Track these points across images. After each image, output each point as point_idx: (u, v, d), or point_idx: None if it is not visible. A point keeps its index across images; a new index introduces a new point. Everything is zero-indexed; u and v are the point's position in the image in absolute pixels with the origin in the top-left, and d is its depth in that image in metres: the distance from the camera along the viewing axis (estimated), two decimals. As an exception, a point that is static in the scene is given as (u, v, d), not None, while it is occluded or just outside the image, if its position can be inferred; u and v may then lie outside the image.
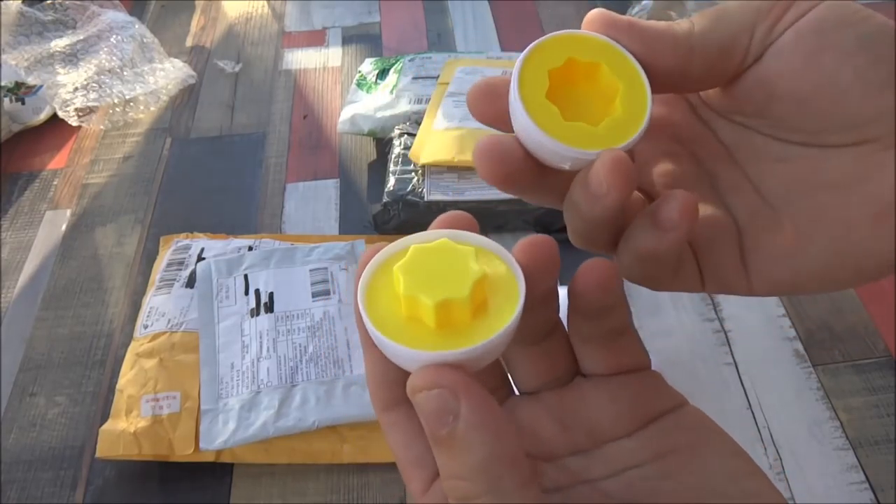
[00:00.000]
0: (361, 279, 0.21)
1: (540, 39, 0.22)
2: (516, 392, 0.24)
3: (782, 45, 0.20)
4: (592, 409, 0.22)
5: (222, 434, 0.52)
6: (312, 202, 0.74)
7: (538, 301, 0.21)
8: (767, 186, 0.22)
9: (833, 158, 0.21)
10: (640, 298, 0.63)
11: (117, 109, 0.85)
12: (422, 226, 0.22)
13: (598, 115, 0.21)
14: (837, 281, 0.21)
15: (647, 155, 0.24)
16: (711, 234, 0.23)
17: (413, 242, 0.20)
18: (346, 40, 0.96)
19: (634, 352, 0.23)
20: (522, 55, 0.22)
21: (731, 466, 0.21)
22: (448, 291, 0.19)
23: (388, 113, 0.77)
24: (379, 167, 0.76)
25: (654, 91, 0.22)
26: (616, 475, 0.21)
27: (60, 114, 0.83)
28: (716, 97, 0.23)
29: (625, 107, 0.21)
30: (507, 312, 0.19)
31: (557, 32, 0.22)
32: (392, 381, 0.22)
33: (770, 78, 0.21)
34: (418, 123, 0.73)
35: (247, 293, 0.60)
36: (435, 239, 0.20)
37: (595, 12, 0.22)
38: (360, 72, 0.85)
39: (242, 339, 0.57)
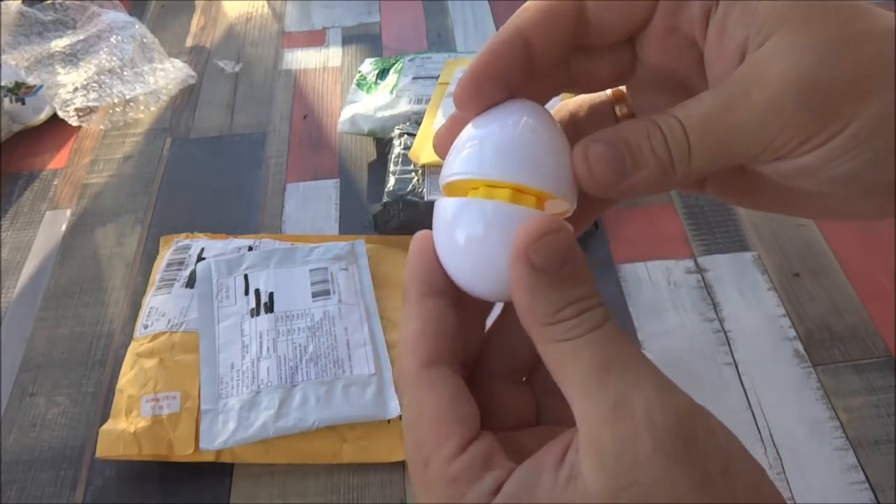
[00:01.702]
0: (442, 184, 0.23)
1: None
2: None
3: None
4: None
5: (222, 434, 0.52)
6: (312, 202, 0.74)
7: None
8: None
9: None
10: (640, 299, 0.63)
11: (117, 109, 0.85)
12: (422, 225, 0.22)
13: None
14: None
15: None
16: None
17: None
18: (346, 40, 0.96)
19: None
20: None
21: None
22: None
23: (388, 113, 0.77)
24: (379, 167, 0.76)
25: None
26: None
27: (60, 114, 0.83)
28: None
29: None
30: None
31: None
32: (439, 333, 0.22)
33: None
34: (418, 123, 0.73)
35: (247, 293, 0.60)
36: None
37: None
38: (360, 72, 0.85)
39: (242, 339, 0.57)
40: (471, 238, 0.22)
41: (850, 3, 0.21)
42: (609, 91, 0.26)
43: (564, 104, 0.26)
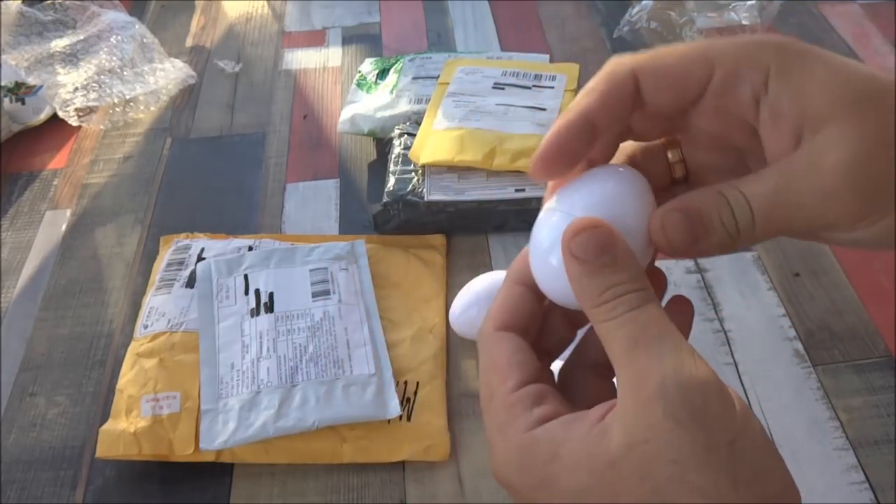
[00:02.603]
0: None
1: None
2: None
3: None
4: None
5: (222, 434, 0.52)
6: (312, 202, 0.74)
7: None
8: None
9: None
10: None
11: (117, 109, 0.85)
12: (422, 225, 0.23)
13: None
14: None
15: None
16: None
17: None
18: (346, 40, 0.96)
19: None
20: None
21: None
22: None
23: (388, 113, 0.77)
24: (379, 167, 0.76)
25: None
26: None
27: (60, 114, 0.83)
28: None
29: None
30: None
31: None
32: (516, 310, 0.28)
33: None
34: (418, 123, 0.73)
35: (247, 293, 0.60)
36: None
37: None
38: (360, 72, 0.85)
39: (242, 339, 0.57)
40: (546, 247, 0.26)
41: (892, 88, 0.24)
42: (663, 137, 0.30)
43: (623, 147, 0.29)
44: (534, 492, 0.24)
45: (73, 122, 0.83)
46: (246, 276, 0.61)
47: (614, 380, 0.24)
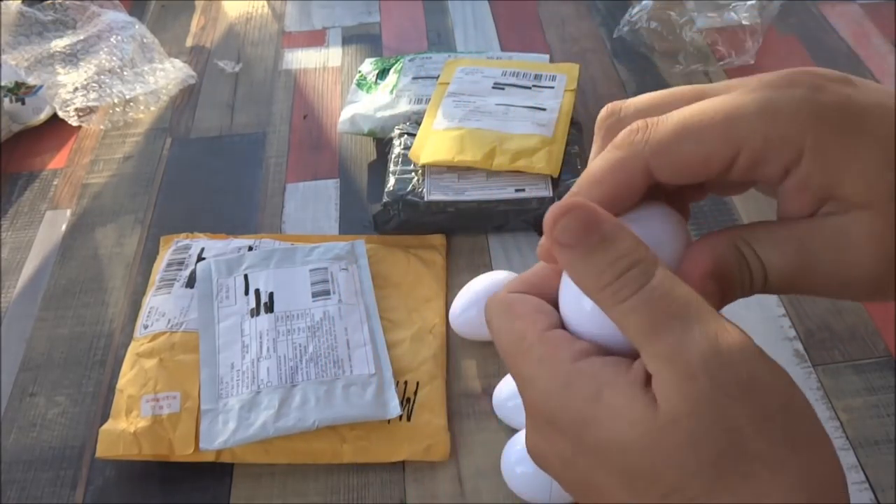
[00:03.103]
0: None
1: None
2: None
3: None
4: None
5: (222, 434, 0.52)
6: (312, 202, 0.74)
7: None
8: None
9: None
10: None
11: (117, 109, 0.85)
12: (422, 225, 0.23)
13: None
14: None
15: None
16: None
17: None
18: (346, 40, 0.96)
19: None
20: None
21: None
22: None
23: (388, 113, 0.77)
24: (379, 167, 0.76)
25: None
26: None
27: (60, 114, 0.83)
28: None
29: None
30: None
31: None
32: (534, 283, 0.27)
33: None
34: (418, 123, 0.73)
35: (247, 293, 0.60)
36: None
37: None
38: (360, 72, 0.85)
39: (242, 339, 0.57)
40: (578, 291, 0.25)
41: None
42: None
43: None
44: (575, 427, 0.23)
45: (73, 122, 0.83)
46: (246, 276, 0.61)
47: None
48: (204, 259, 0.64)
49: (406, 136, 0.73)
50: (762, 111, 0.23)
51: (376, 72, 0.83)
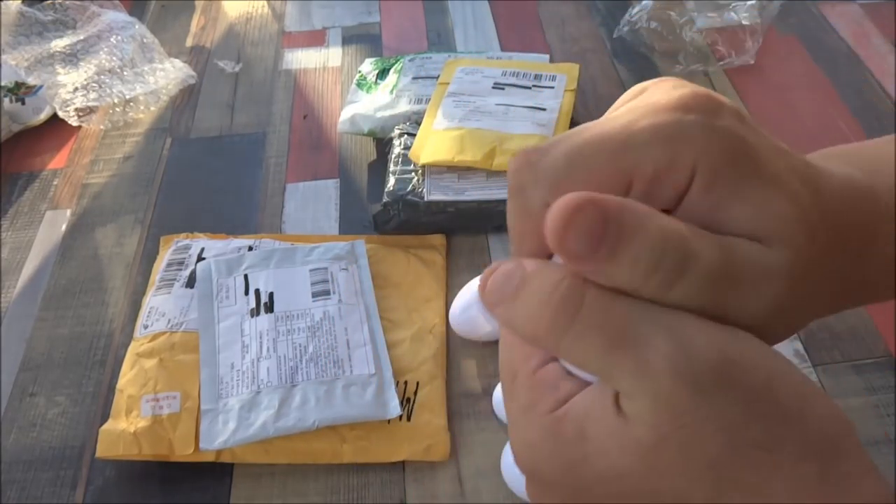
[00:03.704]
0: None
1: None
2: None
3: None
4: None
5: (222, 434, 0.52)
6: (312, 202, 0.74)
7: None
8: None
9: None
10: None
11: (117, 109, 0.85)
12: (422, 225, 0.22)
13: None
14: None
15: None
16: None
17: None
18: (346, 40, 0.96)
19: None
20: None
21: None
22: None
23: (388, 113, 0.77)
24: (379, 167, 0.76)
25: None
26: None
27: (60, 114, 0.83)
28: None
29: None
30: None
31: None
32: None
33: None
34: (418, 123, 0.73)
35: (247, 293, 0.60)
36: None
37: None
38: (360, 72, 0.85)
39: (242, 339, 0.57)
40: None
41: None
42: None
43: None
44: (564, 474, 0.22)
45: (73, 122, 0.83)
46: (246, 276, 0.61)
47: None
48: (204, 259, 0.64)
49: (406, 136, 0.73)
50: (654, 137, 0.22)
51: (376, 72, 0.83)
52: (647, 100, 0.23)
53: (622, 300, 0.21)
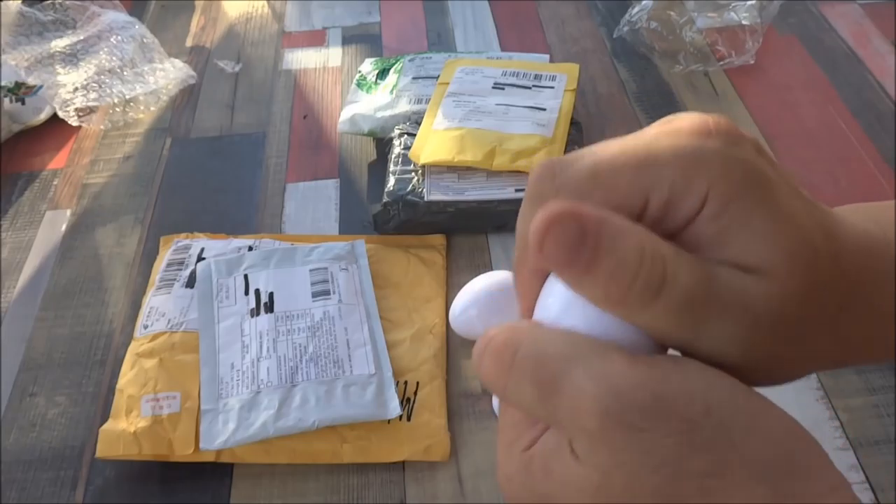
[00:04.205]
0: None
1: None
2: None
3: None
4: None
5: (222, 434, 0.52)
6: (312, 202, 0.74)
7: None
8: None
9: None
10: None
11: (117, 109, 0.85)
12: (422, 225, 0.22)
13: None
14: None
15: None
16: None
17: None
18: (346, 40, 0.96)
19: None
20: None
21: None
22: None
23: (388, 113, 0.77)
24: (379, 167, 0.76)
25: None
26: None
27: (60, 114, 0.83)
28: None
29: None
30: None
31: None
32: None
33: None
34: (418, 123, 0.73)
35: (247, 293, 0.60)
36: None
37: None
38: (360, 72, 0.85)
39: (242, 339, 0.57)
40: (553, 316, 0.24)
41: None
42: None
43: None
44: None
45: (73, 122, 0.83)
46: (246, 276, 0.61)
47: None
48: (204, 259, 0.64)
49: (406, 136, 0.73)
50: (673, 157, 0.22)
51: (376, 72, 0.84)
52: (672, 123, 0.24)
53: (554, 346, 0.22)
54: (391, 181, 0.69)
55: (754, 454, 0.20)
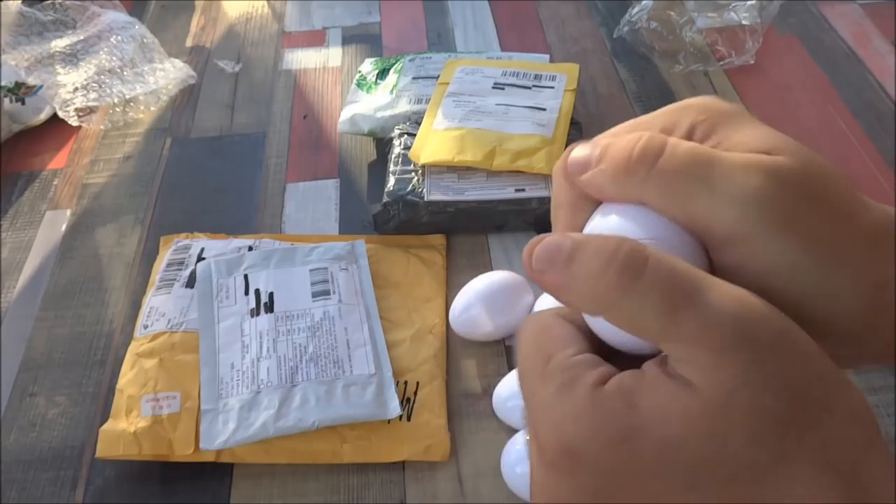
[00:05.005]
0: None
1: None
2: None
3: None
4: None
5: (222, 434, 0.52)
6: (312, 202, 0.74)
7: None
8: None
9: None
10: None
11: (117, 109, 0.85)
12: (422, 225, 0.23)
13: None
14: None
15: None
16: None
17: None
18: (346, 40, 0.96)
19: None
20: None
21: None
22: None
23: (388, 113, 0.77)
24: (379, 167, 0.76)
25: None
26: None
27: (60, 114, 0.83)
28: None
29: None
30: None
31: None
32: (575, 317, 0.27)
33: None
34: (418, 123, 0.73)
35: (247, 293, 0.60)
36: None
37: None
38: (360, 72, 0.85)
39: (242, 339, 0.57)
40: None
41: None
42: None
43: None
44: (611, 447, 0.22)
45: (73, 122, 0.83)
46: (246, 276, 0.61)
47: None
48: (204, 259, 0.64)
49: (406, 136, 0.73)
50: (661, 111, 0.27)
51: (376, 72, 0.84)
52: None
53: (683, 264, 0.22)
54: (391, 181, 0.69)
55: (850, 397, 0.22)
